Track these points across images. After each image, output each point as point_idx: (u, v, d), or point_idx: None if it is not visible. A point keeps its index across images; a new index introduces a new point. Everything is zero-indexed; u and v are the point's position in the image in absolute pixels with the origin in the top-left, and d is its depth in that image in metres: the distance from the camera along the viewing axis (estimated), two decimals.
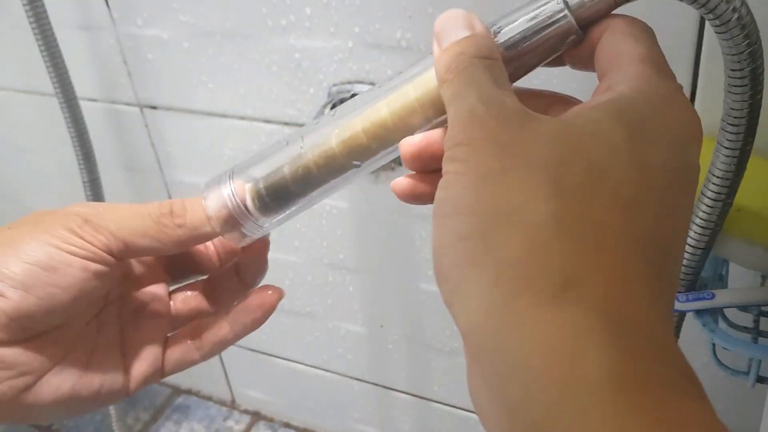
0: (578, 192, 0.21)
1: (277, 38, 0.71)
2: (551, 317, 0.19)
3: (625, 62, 0.25)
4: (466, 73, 0.25)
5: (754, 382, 0.51)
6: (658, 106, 0.23)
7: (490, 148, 0.22)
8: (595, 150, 0.22)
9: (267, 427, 1.14)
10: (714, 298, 0.44)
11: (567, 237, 0.20)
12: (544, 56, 0.27)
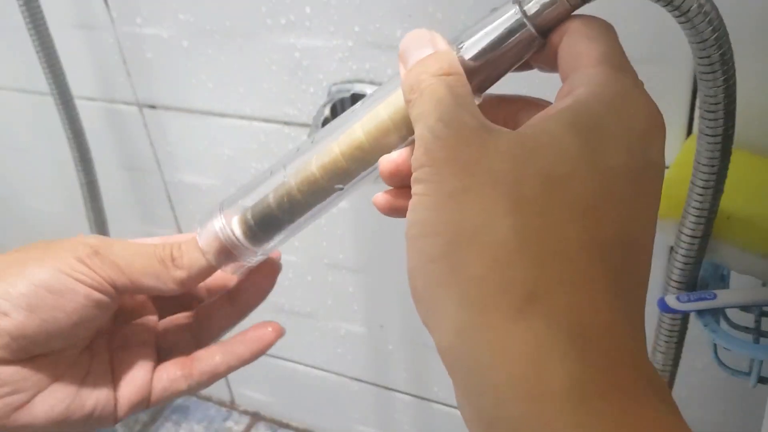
0: (536, 205, 0.21)
1: (276, 37, 0.71)
2: (516, 331, 0.20)
3: (583, 64, 0.25)
4: (428, 93, 0.25)
5: (755, 382, 0.51)
6: (615, 106, 0.23)
7: (451, 168, 0.22)
8: (551, 161, 0.22)
9: (266, 427, 1.13)
10: (716, 298, 0.44)
11: (528, 251, 0.21)
12: (509, 65, 0.28)
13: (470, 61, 0.27)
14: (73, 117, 0.79)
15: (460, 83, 0.26)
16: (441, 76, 0.25)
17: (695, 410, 0.74)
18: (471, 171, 0.22)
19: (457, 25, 0.62)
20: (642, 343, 0.21)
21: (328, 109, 0.68)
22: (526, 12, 0.26)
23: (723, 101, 0.33)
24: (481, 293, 0.21)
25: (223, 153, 0.84)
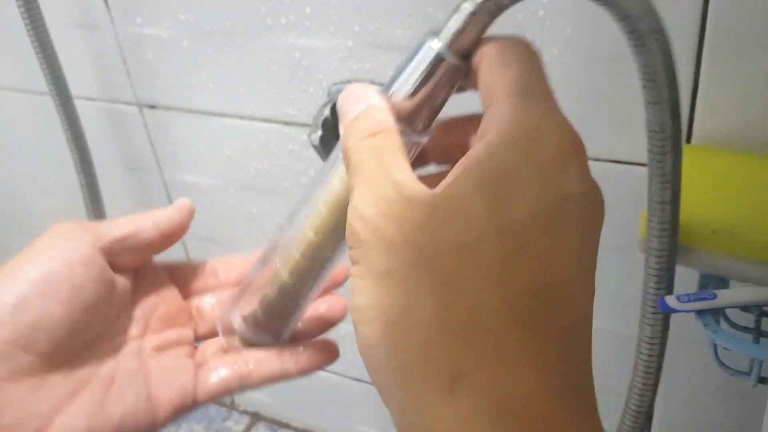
0: (452, 279, 0.21)
1: (276, 37, 0.71)
2: (445, 412, 0.20)
3: (494, 97, 0.24)
4: (353, 161, 0.25)
5: (755, 382, 0.51)
6: (523, 146, 0.22)
7: (376, 249, 0.22)
8: (461, 230, 0.21)
9: (266, 427, 1.13)
10: (716, 298, 0.44)
11: (448, 330, 0.21)
12: (443, 98, 0.28)
13: (405, 103, 0.27)
14: (73, 118, 0.79)
15: (387, 141, 0.25)
16: (366, 139, 0.25)
17: (695, 410, 0.74)
18: (393, 249, 0.22)
19: None
20: (573, 406, 0.21)
21: (328, 109, 0.68)
22: (441, 43, 0.27)
23: (662, 65, 0.35)
24: (413, 377, 0.21)
25: (223, 153, 0.84)
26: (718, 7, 0.52)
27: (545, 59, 0.66)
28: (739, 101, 0.55)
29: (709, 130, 0.58)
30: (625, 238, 0.66)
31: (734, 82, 0.54)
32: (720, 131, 0.57)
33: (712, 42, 0.53)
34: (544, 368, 0.20)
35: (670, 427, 0.77)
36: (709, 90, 0.56)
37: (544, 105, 0.23)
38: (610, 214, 0.75)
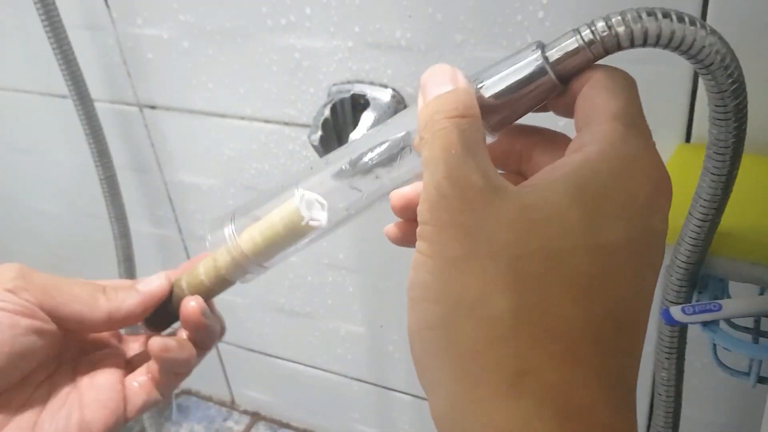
0: (535, 282, 0.21)
1: (277, 38, 0.71)
2: (506, 406, 0.20)
3: (597, 118, 0.25)
4: (440, 137, 0.24)
5: (755, 382, 0.51)
6: (622, 172, 0.23)
7: (454, 232, 0.22)
8: (553, 236, 0.22)
9: (267, 427, 1.14)
10: (721, 309, 0.44)
11: (522, 329, 0.21)
12: (526, 108, 0.28)
13: (489, 100, 0.27)
14: (91, 115, 0.80)
15: (473, 128, 0.25)
16: (455, 119, 0.25)
17: (695, 410, 0.74)
18: (474, 238, 0.22)
19: (456, 26, 0.62)
20: (628, 419, 0.22)
21: (328, 110, 0.68)
22: (548, 58, 0.26)
23: (732, 146, 0.33)
24: (475, 367, 0.21)
25: (224, 153, 0.84)
26: (717, 7, 0.52)
27: None
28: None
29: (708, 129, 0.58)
30: None
31: None
32: None
33: None
34: (608, 381, 0.21)
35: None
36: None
37: (645, 139, 0.24)
38: None
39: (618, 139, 0.23)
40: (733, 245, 0.47)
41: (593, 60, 0.26)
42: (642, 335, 0.23)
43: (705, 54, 0.26)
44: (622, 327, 0.22)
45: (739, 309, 0.44)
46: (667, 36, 0.26)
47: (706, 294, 0.49)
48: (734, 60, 0.27)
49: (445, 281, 0.22)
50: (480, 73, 0.28)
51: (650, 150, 0.24)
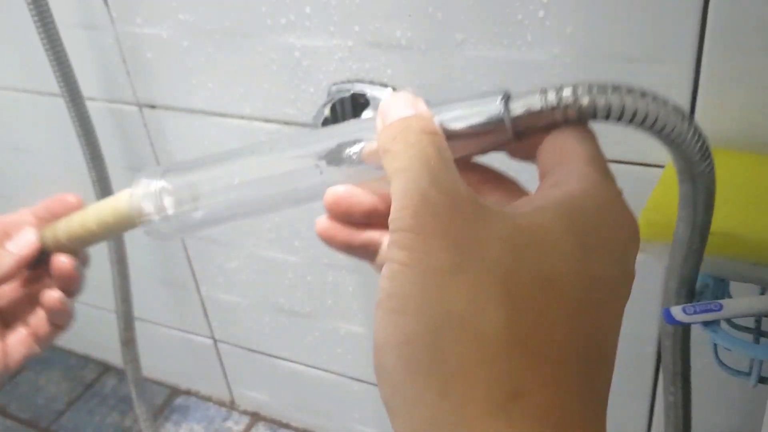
0: (529, 302, 0.21)
1: (276, 37, 0.71)
2: (497, 427, 0.20)
3: (571, 160, 0.25)
4: (416, 147, 0.24)
5: (755, 382, 0.51)
6: (605, 211, 0.24)
7: (441, 241, 0.21)
8: (547, 259, 0.22)
9: (266, 427, 1.13)
10: (722, 309, 0.43)
11: (517, 348, 0.21)
12: (476, 152, 0.28)
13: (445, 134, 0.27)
14: (83, 116, 0.80)
15: (445, 146, 0.25)
16: (430, 134, 0.25)
17: (695, 410, 0.74)
18: (464, 250, 0.21)
19: (456, 25, 0.62)
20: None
21: (328, 109, 0.68)
22: (510, 111, 0.26)
23: (703, 206, 0.35)
24: (463, 385, 0.20)
25: None
26: (718, 7, 0.52)
27: (545, 59, 0.67)
28: (738, 101, 0.55)
29: (709, 129, 0.57)
30: None
31: (734, 82, 0.54)
32: (720, 130, 0.57)
33: (712, 41, 0.54)
34: (593, 406, 0.22)
35: None
36: (708, 89, 0.56)
37: (617, 188, 0.25)
38: None
39: (597, 182, 0.24)
40: (733, 245, 0.47)
41: (554, 124, 0.27)
42: (612, 367, 0.24)
43: (668, 131, 0.27)
44: (603, 353, 0.23)
45: (740, 309, 0.44)
46: (631, 112, 0.26)
47: (707, 294, 0.49)
48: (695, 131, 0.28)
49: (430, 293, 0.21)
50: (439, 106, 0.28)
51: (622, 198, 0.25)
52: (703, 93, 0.56)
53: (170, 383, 1.23)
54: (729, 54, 0.54)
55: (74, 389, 1.25)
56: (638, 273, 0.75)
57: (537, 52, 0.60)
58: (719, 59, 0.54)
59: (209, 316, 1.07)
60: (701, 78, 0.55)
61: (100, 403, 1.22)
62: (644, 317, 0.70)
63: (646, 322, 0.70)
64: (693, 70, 0.55)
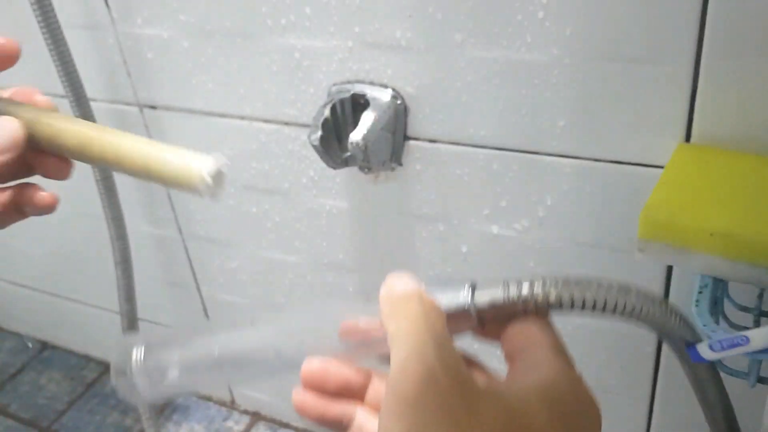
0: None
1: (277, 38, 0.71)
2: None
3: (538, 348, 0.27)
4: (424, 321, 0.26)
5: (754, 382, 0.51)
6: (576, 395, 0.26)
7: (442, 416, 0.23)
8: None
9: (266, 427, 1.14)
10: (749, 342, 0.43)
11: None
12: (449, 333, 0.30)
13: None
14: (87, 117, 0.80)
15: (444, 320, 0.27)
16: (435, 310, 0.27)
17: (694, 410, 0.74)
18: (462, 426, 0.23)
19: (456, 26, 0.62)
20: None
21: (328, 110, 0.68)
22: (476, 302, 0.29)
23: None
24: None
25: (224, 153, 0.84)
26: (717, 7, 0.52)
27: (545, 60, 0.67)
28: (738, 101, 0.55)
29: (708, 129, 0.58)
30: (624, 238, 0.66)
31: (733, 82, 0.55)
32: (719, 130, 0.57)
33: (712, 41, 0.54)
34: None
35: (669, 426, 0.78)
36: (707, 89, 0.56)
37: (578, 373, 0.27)
38: (610, 215, 0.75)
39: (565, 370, 0.27)
40: (732, 246, 0.47)
41: (517, 313, 0.29)
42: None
43: (627, 315, 0.29)
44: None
45: (767, 339, 0.42)
46: (591, 302, 0.28)
47: (705, 293, 0.49)
48: (670, 311, 0.31)
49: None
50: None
51: (585, 383, 0.27)
52: (701, 93, 0.56)
53: None
54: (728, 55, 0.54)
55: (75, 389, 1.25)
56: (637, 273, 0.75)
57: (536, 53, 0.60)
58: (718, 60, 0.54)
59: (210, 316, 1.07)
60: (700, 78, 0.55)
61: (100, 403, 1.22)
62: None
63: None
64: (692, 70, 0.55)
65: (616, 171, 0.63)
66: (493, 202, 0.71)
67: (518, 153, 0.66)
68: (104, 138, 0.35)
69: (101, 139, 0.35)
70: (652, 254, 0.49)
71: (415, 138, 0.71)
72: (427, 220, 0.76)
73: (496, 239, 0.73)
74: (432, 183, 0.73)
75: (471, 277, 0.30)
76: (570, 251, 0.70)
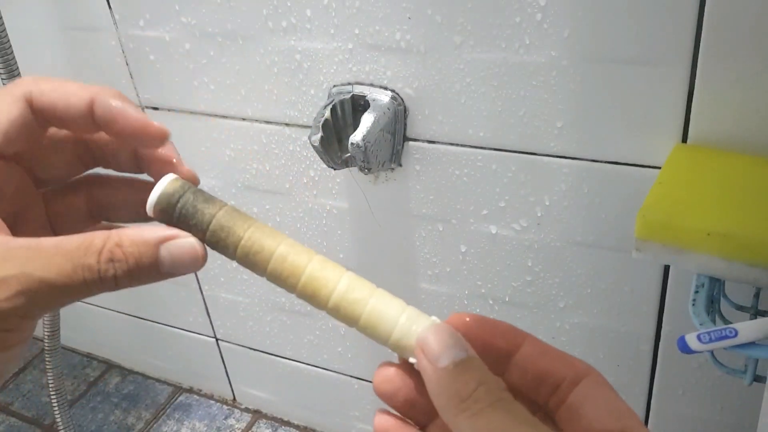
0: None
1: (278, 40, 0.72)
2: None
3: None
4: (505, 407, 0.25)
5: (751, 380, 0.51)
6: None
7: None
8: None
9: (267, 425, 1.14)
10: (737, 335, 0.43)
11: None
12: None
13: None
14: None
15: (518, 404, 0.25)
16: (505, 390, 0.25)
17: (691, 408, 0.75)
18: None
19: (455, 28, 0.62)
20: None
21: (329, 111, 0.69)
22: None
23: None
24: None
25: (225, 154, 0.85)
26: (714, 9, 0.52)
27: (543, 61, 0.67)
28: (734, 102, 0.56)
29: (705, 129, 0.58)
30: (621, 238, 0.66)
31: (729, 83, 0.55)
32: (715, 131, 0.58)
33: (708, 42, 0.54)
34: None
35: (666, 424, 0.78)
36: (704, 90, 0.56)
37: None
38: (608, 215, 0.76)
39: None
40: (728, 246, 0.47)
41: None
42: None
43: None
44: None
45: (756, 332, 0.43)
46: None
47: (702, 293, 0.50)
48: None
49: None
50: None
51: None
52: (698, 94, 0.56)
53: (173, 381, 1.24)
54: (724, 56, 0.54)
55: (78, 387, 1.26)
56: (635, 272, 0.75)
57: (535, 55, 0.60)
58: (715, 61, 0.54)
59: (211, 315, 1.07)
60: (697, 80, 0.56)
61: (103, 401, 1.22)
62: (641, 316, 0.71)
63: (643, 321, 0.71)
64: (688, 72, 0.56)
65: (614, 171, 0.63)
66: (492, 202, 0.71)
67: (517, 154, 0.67)
68: (329, 286, 0.31)
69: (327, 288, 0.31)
70: (649, 254, 0.50)
71: (414, 139, 0.71)
72: (426, 220, 0.77)
73: (495, 239, 0.74)
74: (431, 183, 0.73)
75: (469, 277, 0.29)
76: (568, 251, 0.70)
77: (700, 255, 0.48)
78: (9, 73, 0.76)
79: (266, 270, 0.29)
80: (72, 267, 0.25)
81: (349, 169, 0.74)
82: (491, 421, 0.24)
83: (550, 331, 0.77)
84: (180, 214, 0.29)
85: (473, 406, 0.25)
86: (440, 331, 0.27)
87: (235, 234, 0.29)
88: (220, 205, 0.29)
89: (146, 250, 0.27)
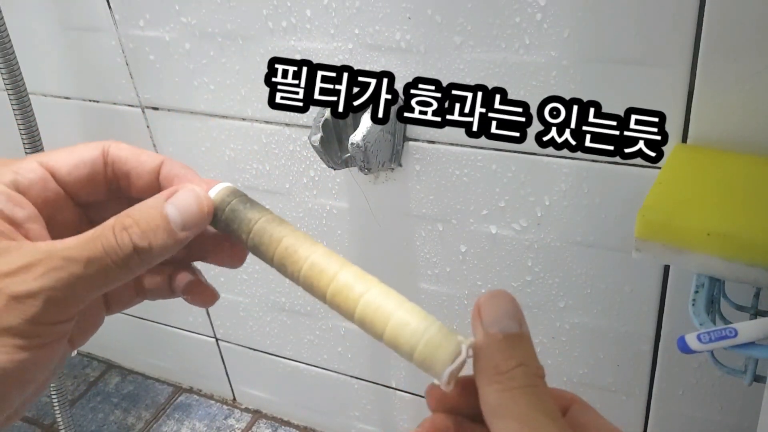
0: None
1: (278, 40, 0.72)
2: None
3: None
4: (536, 394, 0.25)
5: (750, 380, 0.51)
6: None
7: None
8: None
9: (267, 425, 1.14)
10: (737, 335, 0.43)
11: None
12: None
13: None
14: (26, 111, 0.78)
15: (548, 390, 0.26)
16: (540, 377, 0.25)
17: (691, 408, 0.75)
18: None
19: (455, 28, 0.62)
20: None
21: (329, 111, 0.69)
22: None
23: None
24: None
25: (225, 154, 0.85)
26: (714, 9, 0.52)
27: (543, 62, 0.67)
28: (734, 102, 0.56)
29: (705, 130, 0.58)
30: (621, 238, 0.66)
31: (729, 83, 0.55)
32: (715, 131, 0.58)
33: (708, 43, 0.54)
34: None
35: (666, 424, 0.78)
36: (704, 90, 0.56)
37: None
38: (608, 215, 0.76)
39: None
40: (729, 246, 0.47)
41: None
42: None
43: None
44: None
45: (756, 332, 0.43)
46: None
47: (702, 293, 0.50)
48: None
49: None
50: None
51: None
52: (698, 95, 0.57)
53: (173, 381, 1.24)
54: (724, 56, 0.54)
55: (78, 387, 1.26)
56: (635, 272, 0.75)
57: (535, 55, 0.60)
58: (714, 61, 0.55)
59: (211, 315, 1.07)
60: (697, 80, 0.56)
61: (103, 401, 1.22)
62: (640, 316, 0.71)
63: (643, 321, 0.71)
64: (688, 72, 0.56)
65: (614, 171, 0.63)
66: (492, 202, 0.71)
67: (516, 154, 0.67)
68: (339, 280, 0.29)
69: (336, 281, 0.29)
70: (649, 254, 0.50)
71: (414, 139, 0.71)
72: (426, 220, 0.77)
73: (495, 239, 0.74)
74: (431, 183, 0.73)
75: (469, 277, 0.28)
76: (568, 251, 0.70)
77: (700, 255, 0.48)
78: (10, 73, 0.76)
79: (299, 276, 0.31)
80: (91, 238, 0.27)
81: (349, 169, 0.74)
82: (517, 404, 0.25)
83: (550, 331, 0.77)
84: (225, 218, 0.31)
85: (507, 383, 0.25)
86: (501, 297, 0.27)
87: (274, 239, 0.31)
88: (262, 211, 0.31)
89: (153, 210, 0.28)
